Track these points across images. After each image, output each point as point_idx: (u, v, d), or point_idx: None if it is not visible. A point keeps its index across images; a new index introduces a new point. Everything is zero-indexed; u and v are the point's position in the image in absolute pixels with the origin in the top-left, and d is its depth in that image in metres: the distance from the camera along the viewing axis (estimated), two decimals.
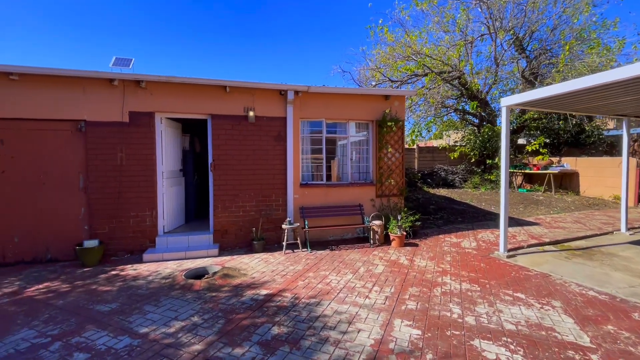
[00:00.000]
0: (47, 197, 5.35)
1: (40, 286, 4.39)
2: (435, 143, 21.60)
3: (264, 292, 4.12)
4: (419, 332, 3.15)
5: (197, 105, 5.92)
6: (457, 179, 14.66)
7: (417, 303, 3.78)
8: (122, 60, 5.65)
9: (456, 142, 17.90)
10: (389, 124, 6.73)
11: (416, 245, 6.27)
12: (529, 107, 5.88)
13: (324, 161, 6.79)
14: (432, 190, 13.02)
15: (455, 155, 14.12)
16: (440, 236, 6.91)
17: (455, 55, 12.63)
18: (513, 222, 8.21)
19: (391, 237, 6.28)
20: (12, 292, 4.19)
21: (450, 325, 3.28)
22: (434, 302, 3.79)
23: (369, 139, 7.11)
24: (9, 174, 5.22)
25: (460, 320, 3.38)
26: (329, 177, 7.03)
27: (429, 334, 3.10)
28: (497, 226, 7.64)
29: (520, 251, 5.77)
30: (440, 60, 13.25)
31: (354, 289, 4.21)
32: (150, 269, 5.06)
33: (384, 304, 3.76)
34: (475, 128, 15.70)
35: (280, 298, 3.93)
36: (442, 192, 12.76)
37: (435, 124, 17.48)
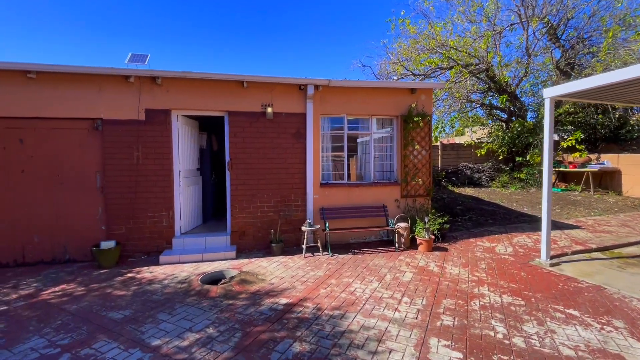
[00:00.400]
0: (64, 196, 5.28)
1: (56, 289, 4.29)
2: (459, 140, 20.74)
3: (283, 300, 3.83)
4: (460, 355, 2.75)
5: (214, 102, 5.70)
6: (483, 177, 13.91)
7: (454, 318, 3.37)
8: (138, 56, 5.50)
9: (479, 138, 17.06)
10: (416, 119, 6.28)
11: (445, 249, 5.82)
12: (576, 98, 5.28)
13: (346, 159, 6.43)
14: (457, 190, 12.39)
15: (482, 153, 13.39)
16: (471, 240, 6.41)
17: (483, 47, 11.90)
18: (551, 224, 7.55)
19: (418, 241, 5.85)
20: (29, 295, 4.10)
21: (496, 347, 2.86)
22: (474, 318, 3.37)
23: (393, 136, 6.68)
24: (28, 173, 5.18)
25: (506, 341, 2.95)
26: (350, 177, 6.66)
27: (472, 358, 2.70)
28: (533, 229, 7.04)
29: (564, 258, 5.21)
30: (466, 52, 12.54)
31: (381, 299, 3.84)
32: (166, 272, 4.89)
33: (416, 318, 3.38)
34: (503, 124, 14.86)
35: (301, 308, 3.62)
36: (469, 191, 12.11)
37: (459, 119, 16.73)
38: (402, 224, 5.98)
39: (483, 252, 5.64)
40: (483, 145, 13.75)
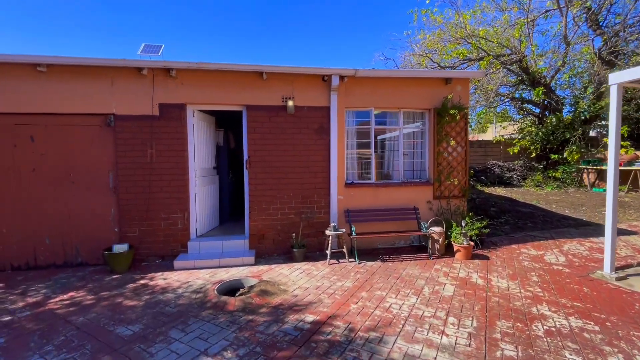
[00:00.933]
0: (76, 196, 5.01)
1: (65, 297, 3.98)
2: (481, 137, 19.72)
3: (309, 317, 3.36)
4: None
5: (231, 95, 5.29)
6: (514, 176, 13.03)
7: (517, 347, 2.80)
8: (151, 47, 5.16)
9: (506, 135, 16.07)
10: (452, 112, 5.66)
11: (486, 258, 5.20)
12: None
13: (372, 157, 5.89)
14: (486, 189, 11.60)
15: (515, 150, 12.50)
16: (513, 246, 5.74)
17: (516, 35, 11.02)
18: (601, 229, 6.76)
19: (455, 248, 5.26)
20: (36, 303, 3.81)
21: None
22: (541, 347, 2.79)
23: (424, 131, 6.09)
24: (39, 172, 4.93)
25: None
26: (376, 176, 6.10)
27: None
28: (583, 235, 6.29)
29: (629, 271, 4.50)
30: (497, 42, 11.69)
31: (422, 319, 3.31)
32: (180, 278, 4.52)
33: (469, 345, 2.83)
34: (535, 119, 13.87)
35: (330, 328, 3.14)
36: (499, 191, 11.30)
37: (486, 115, 15.81)
38: (437, 229, 5.39)
39: (530, 261, 4.99)
40: (515, 142, 12.83)
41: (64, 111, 4.89)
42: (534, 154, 13.07)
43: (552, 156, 12.59)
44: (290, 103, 5.34)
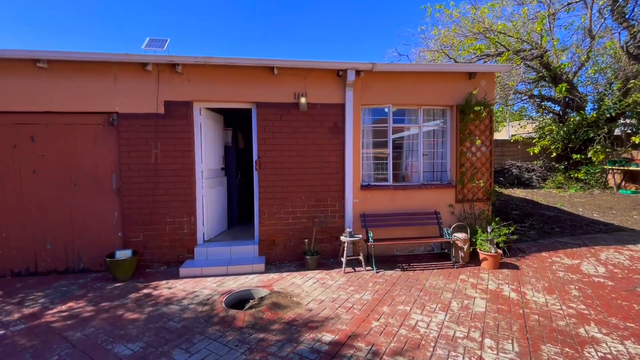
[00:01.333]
0: (78, 199, 4.76)
1: (63, 307, 3.72)
2: (499, 135, 19.08)
3: (327, 337, 3.01)
4: None
5: (240, 92, 4.98)
6: (534, 177, 12.47)
7: None
8: (156, 41, 4.88)
9: (518, 134, 15.46)
10: (477, 108, 5.24)
11: (515, 267, 4.77)
12: None
13: (390, 157, 5.51)
14: (505, 191, 11.08)
15: (536, 150, 11.92)
16: (544, 254, 5.30)
17: (538, 29, 10.47)
18: (638, 235, 6.25)
19: (481, 256, 4.85)
20: (32, 315, 3.55)
21: None
22: None
23: (445, 129, 5.68)
24: (40, 174, 4.69)
25: None
26: (394, 177, 5.72)
27: None
28: (619, 241, 5.80)
29: None
30: (517, 38, 11.16)
31: (454, 340, 2.93)
32: (186, 288, 4.22)
33: None
34: (556, 117, 13.27)
35: (351, 351, 2.78)
36: (519, 192, 10.78)
37: (502, 112, 15.24)
38: (461, 235, 4.99)
39: (566, 271, 4.55)
40: (535, 141, 12.26)
41: (66, 109, 4.64)
42: (554, 154, 12.47)
43: (574, 156, 11.98)
44: (303, 100, 5.00)
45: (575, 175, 11.82)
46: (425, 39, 13.08)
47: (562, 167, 12.52)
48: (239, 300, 3.93)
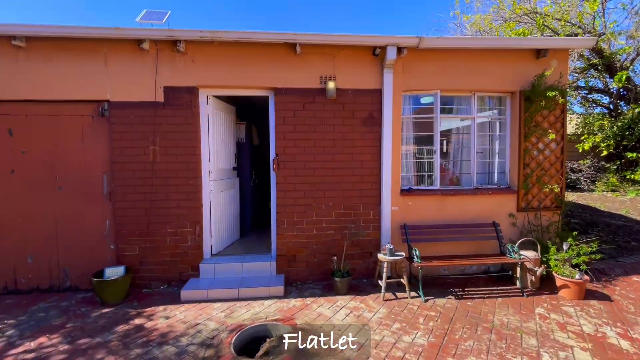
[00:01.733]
0: (64, 205, 4.00)
1: (32, 345, 2.93)
2: None
3: None
4: None
5: (255, 76, 4.10)
6: (581, 178, 11.09)
7: None
8: (154, 13, 4.04)
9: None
10: (550, 94, 4.16)
11: (606, 297, 3.69)
12: None
13: (437, 155, 4.50)
14: None
15: (586, 147, 10.57)
16: (634, 278, 4.18)
17: (592, 8, 9.13)
18: None
19: (558, 281, 3.79)
20: None
21: None
22: None
23: (505, 121, 4.62)
24: (19, 174, 3.96)
25: None
26: (441, 179, 4.70)
27: None
28: None
29: None
30: (565, 21, 9.84)
31: None
32: (188, 317, 3.37)
33: None
34: (606, 111, 11.81)
35: None
36: (569, 196, 9.48)
37: None
38: (529, 253, 3.95)
39: None
40: (584, 137, 10.89)
41: (48, 97, 3.88)
42: (604, 152, 11.03)
43: (629, 155, 10.51)
44: (331, 85, 4.07)
45: (631, 176, 10.37)
46: (458, 25, 11.87)
47: (615, 167, 11.07)
48: (252, 340, 3.04)
